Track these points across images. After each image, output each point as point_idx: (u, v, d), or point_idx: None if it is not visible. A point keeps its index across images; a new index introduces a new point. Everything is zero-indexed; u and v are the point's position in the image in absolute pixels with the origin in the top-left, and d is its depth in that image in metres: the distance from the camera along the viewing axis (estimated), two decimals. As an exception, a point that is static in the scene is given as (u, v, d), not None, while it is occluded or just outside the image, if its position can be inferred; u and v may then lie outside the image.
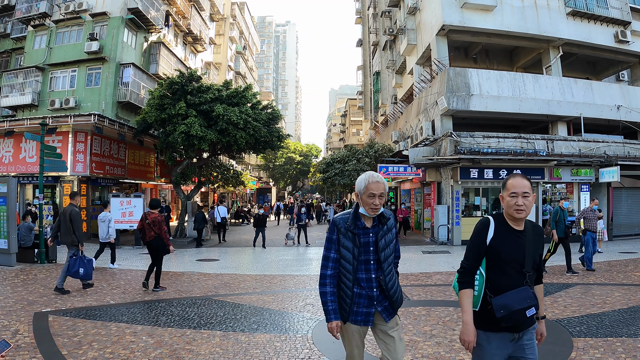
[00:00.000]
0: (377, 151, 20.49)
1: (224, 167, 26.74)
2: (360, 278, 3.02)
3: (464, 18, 18.66)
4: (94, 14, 23.08)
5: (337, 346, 5.47)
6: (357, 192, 3.08)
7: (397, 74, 29.29)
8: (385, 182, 3.06)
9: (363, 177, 3.07)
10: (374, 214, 3.02)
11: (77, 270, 8.43)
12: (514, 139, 17.05)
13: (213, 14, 40.42)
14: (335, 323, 2.96)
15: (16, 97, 23.22)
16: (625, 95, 19.20)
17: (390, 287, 3.05)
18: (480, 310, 2.69)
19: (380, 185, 3.00)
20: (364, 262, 3.03)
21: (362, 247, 3.02)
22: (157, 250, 8.90)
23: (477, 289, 2.72)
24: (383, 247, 3.04)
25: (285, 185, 65.46)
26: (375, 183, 3.00)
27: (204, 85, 18.87)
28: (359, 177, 3.10)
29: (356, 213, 3.08)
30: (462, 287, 2.74)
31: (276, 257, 14.44)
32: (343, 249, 3.03)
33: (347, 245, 3.02)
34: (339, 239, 3.05)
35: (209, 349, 5.30)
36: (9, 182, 11.38)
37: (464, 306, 2.69)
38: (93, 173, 18.54)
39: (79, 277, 8.56)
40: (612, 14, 19.86)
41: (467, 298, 2.70)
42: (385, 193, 3.04)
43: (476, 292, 2.72)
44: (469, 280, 2.74)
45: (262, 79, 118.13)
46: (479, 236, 2.73)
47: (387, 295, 3.04)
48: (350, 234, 3.02)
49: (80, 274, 8.48)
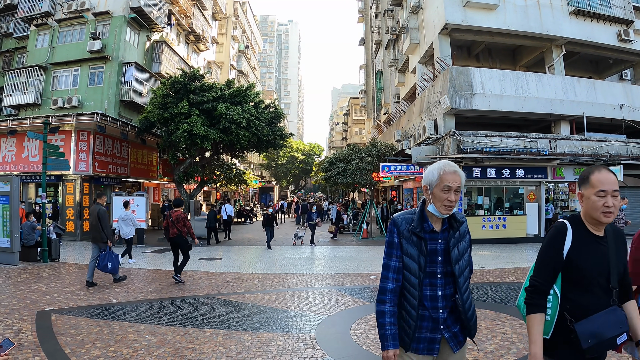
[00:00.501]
0: (380, 150, 20.46)
1: (227, 166, 26.76)
2: (424, 296, 2.42)
3: (466, 17, 18.62)
4: (96, 13, 23.12)
5: (340, 345, 5.48)
6: (426, 185, 2.47)
7: (399, 73, 29.26)
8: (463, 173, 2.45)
9: (435, 167, 2.47)
10: (447, 214, 2.41)
11: (106, 265, 9.08)
12: (516, 138, 17.01)
13: (215, 12, 40.43)
14: (392, 352, 2.35)
15: (19, 96, 23.29)
16: (628, 94, 19.14)
17: (467, 309, 2.42)
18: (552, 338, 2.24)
19: (457, 177, 2.39)
20: (429, 275, 2.42)
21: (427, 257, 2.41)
22: (178, 246, 9.62)
23: (550, 313, 2.24)
24: (456, 258, 2.42)
25: (288, 184, 65.45)
26: (451, 174, 2.39)
27: (207, 84, 18.88)
28: (429, 167, 2.51)
29: (423, 212, 2.47)
30: (532, 311, 2.24)
31: (279, 256, 14.44)
32: (406, 257, 2.42)
33: (411, 252, 2.41)
34: (401, 243, 2.44)
35: (212, 348, 5.30)
36: (12, 181, 11.41)
37: (534, 335, 2.20)
38: (96, 172, 18.57)
39: (108, 271, 9.16)
40: (615, 13, 19.80)
41: (538, 325, 2.21)
42: (462, 187, 2.44)
43: (548, 317, 2.24)
44: (541, 301, 2.24)
45: (265, 77, 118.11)
46: (553, 246, 2.25)
47: (462, 318, 2.42)
48: (415, 237, 2.42)
49: (109, 268, 9.13)
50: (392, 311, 2.40)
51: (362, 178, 20.09)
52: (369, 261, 13.03)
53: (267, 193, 54.06)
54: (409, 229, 2.43)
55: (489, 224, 17.26)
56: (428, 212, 2.46)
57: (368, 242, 18.46)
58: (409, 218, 2.47)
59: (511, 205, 17.87)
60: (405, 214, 2.52)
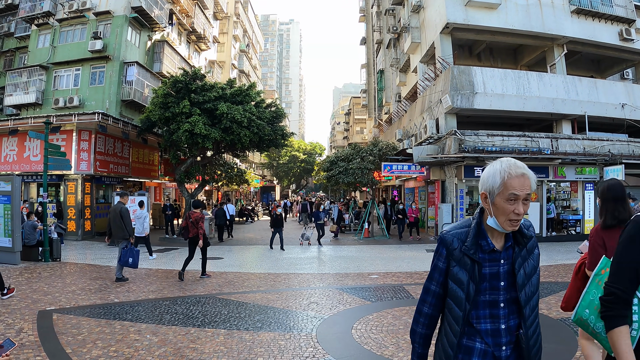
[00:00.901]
0: (381, 149, 20.42)
1: (228, 165, 26.78)
2: (482, 330, 1.93)
3: (468, 16, 18.60)
4: (97, 12, 23.13)
5: (341, 345, 5.47)
6: (485, 192, 1.90)
7: (401, 72, 29.24)
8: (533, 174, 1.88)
9: (496, 168, 1.87)
10: (513, 229, 1.86)
11: (127, 260, 9.48)
12: (518, 137, 17.00)
13: (217, 12, 40.45)
14: None
15: (20, 95, 23.32)
16: (630, 93, 19.11)
17: (532, 346, 1.93)
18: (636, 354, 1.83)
19: (526, 181, 1.82)
20: (489, 304, 1.93)
21: (486, 282, 1.92)
22: (196, 245, 9.96)
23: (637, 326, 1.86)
24: (523, 282, 1.92)
25: (289, 183, 65.51)
26: (518, 177, 1.81)
27: (208, 84, 18.88)
28: (488, 168, 1.92)
29: (480, 225, 1.95)
30: (616, 324, 1.82)
31: (280, 255, 14.43)
32: (453, 282, 1.94)
33: (460, 277, 1.92)
34: (448, 268, 1.96)
35: (213, 348, 5.29)
36: (13, 181, 11.41)
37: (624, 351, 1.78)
38: (97, 171, 18.58)
39: (129, 266, 9.54)
40: (617, 12, 19.77)
41: (626, 338, 1.80)
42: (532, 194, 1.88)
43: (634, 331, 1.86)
44: (623, 312, 1.84)
45: (266, 77, 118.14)
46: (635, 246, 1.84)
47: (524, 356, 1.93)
48: (469, 260, 1.92)
49: (130, 263, 9.51)
50: (423, 333, 2.08)
51: (364, 177, 20.07)
52: (370, 261, 13.02)
53: (269, 192, 54.09)
54: (462, 249, 1.93)
55: (491, 223, 17.22)
56: (487, 226, 1.94)
57: (369, 241, 18.45)
58: (461, 233, 1.96)
59: (513, 204, 17.81)
60: (456, 227, 2.01)
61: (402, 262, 12.64)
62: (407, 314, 6.83)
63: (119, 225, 9.76)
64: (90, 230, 18.52)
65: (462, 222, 2.02)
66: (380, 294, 8.38)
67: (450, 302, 1.96)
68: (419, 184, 22.86)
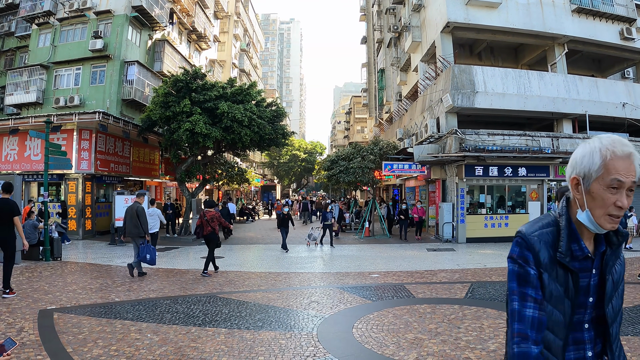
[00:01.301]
0: (382, 148, 20.39)
1: (229, 164, 26.79)
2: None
3: (468, 15, 18.59)
4: (98, 12, 23.14)
5: (342, 344, 5.47)
6: (577, 176, 1.49)
7: (401, 72, 29.22)
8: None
9: (595, 145, 1.46)
10: (612, 227, 1.46)
11: (145, 256, 9.90)
12: (519, 137, 16.98)
13: (217, 11, 40.44)
14: None
15: (21, 95, 23.34)
16: (631, 92, 19.10)
17: None
18: None
19: (632, 166, 1.41)
20: (573, 326, 1.53)
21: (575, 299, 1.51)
22: (211, 242, 10.57)
23: None
24: (610, 293, 1.54)
25: (290, 182, 65.52)
26: (625, 158, 1.41)
27: (209, 83, 18.87)
28: (582, 146, 1.50)
29: (571, 223, 1.53)
30: None
31: (281, 254, 14.44)
32: (549, 302, 1.49)
33: (556, 293, 1.49)
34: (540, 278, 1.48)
35: (214, 347, 5.30)
36: (14, 180, 11.41)
37: None
38: (98, 170, 18.58)
39: (147, 262, 9.95)
40: (618, 11, 19.76)
41: None
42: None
43: None
44: None
45: (267, 76, 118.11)
46: None
47: None
48: (562, 270, 1.49)
49: (147, 259, 9.95)
50: None
51: (364, 176, 20.04)
52: (371, 260, 13.02)
53: (269, 192, 54.07)
54: (557, 256, 1.48)
55: (491, 222, 17.26)
56: (577, 223, 1.52)
57: (370, 240, 18.45)
58: (547, 234, 1.51)
59: (513, 203, 17.85)
60: (540, 226, 1.54)
61: (402, 261, 12.64)
62: (407, 313, 6.83)
63: (135, 223, 10.16)
64: (91, 230, 18.53)
65: (543, 219, 1.58)
66: (381, 293, 8.38)
67: (549, 332, 1.50)
68: (419, 183, 22.84)
